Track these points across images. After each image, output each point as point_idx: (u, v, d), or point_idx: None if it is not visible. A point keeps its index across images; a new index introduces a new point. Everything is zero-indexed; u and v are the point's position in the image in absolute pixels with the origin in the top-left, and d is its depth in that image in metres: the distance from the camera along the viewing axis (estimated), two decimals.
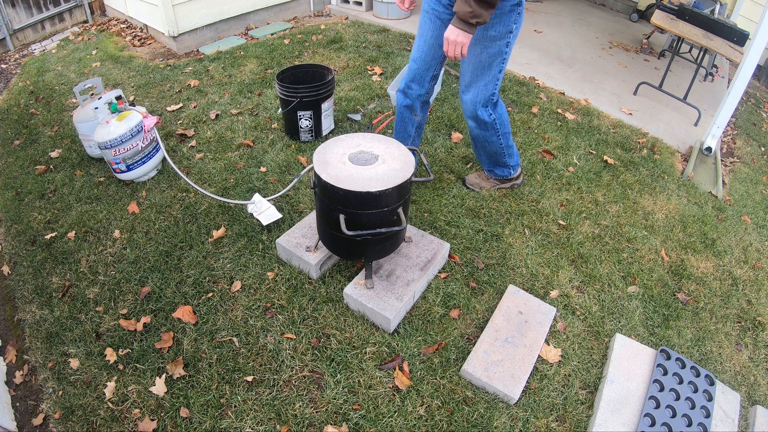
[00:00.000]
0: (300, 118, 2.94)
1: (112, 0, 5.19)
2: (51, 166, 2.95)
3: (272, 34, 4.79)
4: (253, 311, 2.01)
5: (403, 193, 1.77)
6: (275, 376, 1.79)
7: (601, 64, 4.55)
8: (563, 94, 3.87)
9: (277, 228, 2.40)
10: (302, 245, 2.15)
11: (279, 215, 2.38)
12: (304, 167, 2.82)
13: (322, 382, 1.77)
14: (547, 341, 1.95)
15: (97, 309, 2.05)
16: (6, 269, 2.33)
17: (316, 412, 1.69)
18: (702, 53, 3.83)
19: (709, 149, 3.29)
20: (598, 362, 1.91)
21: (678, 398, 1.75)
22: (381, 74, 3.92)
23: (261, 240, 2.33)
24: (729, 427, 1.73)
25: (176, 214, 2.51)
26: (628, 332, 2.04)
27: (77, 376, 1.83)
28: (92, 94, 2.86)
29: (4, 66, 4.56)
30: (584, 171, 2.96)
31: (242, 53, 4.30)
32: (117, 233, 2.41)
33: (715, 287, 2.33)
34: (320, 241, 2.08)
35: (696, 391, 1.80)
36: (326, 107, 2.98)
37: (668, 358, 1.88)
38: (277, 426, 1.65)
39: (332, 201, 1.74)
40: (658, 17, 3.78)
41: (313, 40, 4.56)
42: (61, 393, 1.78)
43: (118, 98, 2.69)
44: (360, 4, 5.28)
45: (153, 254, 2.28)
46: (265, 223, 2.34)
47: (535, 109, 3.52)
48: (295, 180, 2.44)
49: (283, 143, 3.04)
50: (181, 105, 3.51)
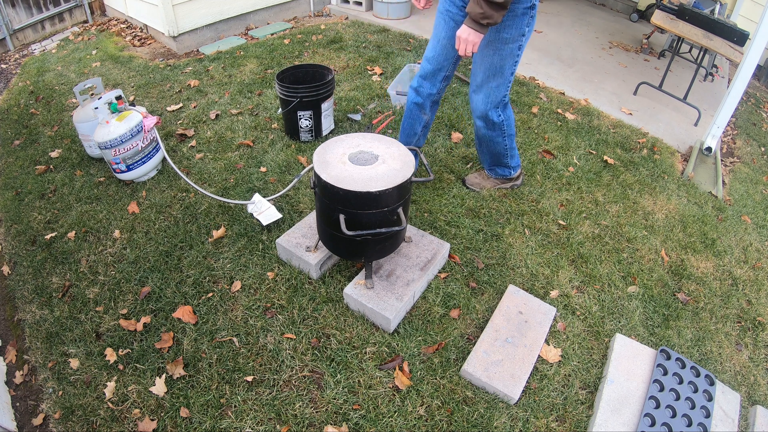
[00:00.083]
0: (300, 118, 2.94)
1: (112, 0, 5.20)
2: (51, 166, 2.95)
3: (272, 34, 4.79)
4: (253, 311, 2.01)
5: (403, 193, 1.77)
6: (275, 376, 1.79)
7: (601, 64, 4.55)
8: (563, 94, 3.87)
9: (277, 228, 2.40)
10: (302, 245, 2.15)
11: (279, 215, 2.38)
12: (304, 167, 2.82)
13: (322, 382, 1.77)
14: (547, 341, 1.95)
15: (97, 309, 2.05)
16: (6, 269, 2.33)
17: (316, 412, 1.69)
18: (702, 53, 3.83)
19: (709, 149, 3.29)
20: (598, 362, 1.91)
21: (678, 398, 1.76)
22: (381, 74, 3.92)
23: (261, 240, 2.33)
24: (729, 427, 1.73)
25: (176, 214, 2.51)
26: (628, 332, 2.04)
27: (77, 376, 1.83)
28: (92, 94, 2.86)
29: (4, 66, 4.57)
30: (584, 171, 2.96)
31: (242, 53, 4.30)
32: (117, 233, 2.41)
33: (715, 287, 2.33)
34: (320, 241, 2.08)
35: (696, 391, 1.80)
36: (326, 107, 2.98)
37: (668, 358, 1.88)
38: (277, 426, 1.65)
39: (332, 201, 1.74)
40: (658, 17, 3.78)
41: (313, 40, 4.56)
42: (61, 393, 1.78)
43: (118, 98, 2.69)
44: (360, 4, 5.28)
45: (153, 254, 2.28)
46: (265, 223, 2.34)
47: (535, 109, 3.52)
48: (295, 180, 2.45)
49: (283, 143, 3.04)
50: (181, 105, 3.51)
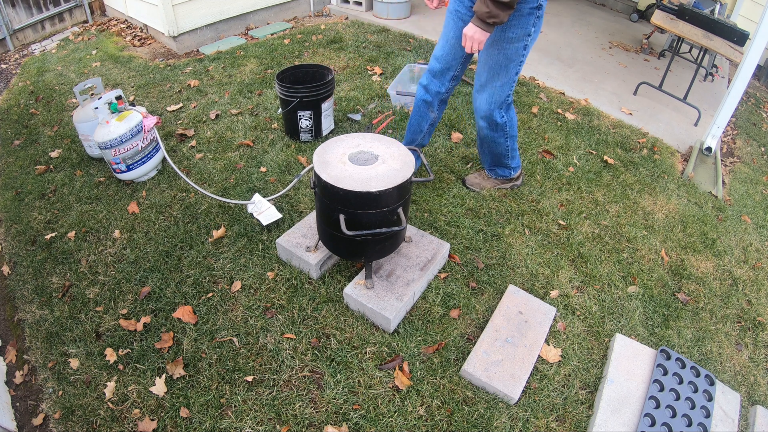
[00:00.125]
0: (300, 118, 2.94)
1: (112, 0, 5.20)
2: (51, 166, 2.95)
3: (272, 34, 4.79)
4: (253, 311, 2.01)
5: (403, 193, 1.77)
6: (275, 376, 1.79)
7: (601, 64, 4.55)
8: (563, 94, 3.87)
9: (277, 228, 2.40)
10: (302, 245, 2.15)
11: (279, 215, 2.38)
12: (304, 167, 2.82)
13: (322, 382, 1.77)
14: (547, 341, 1.95)
15: (97, 309, 2.05)
16: (6, 269, 2.33)
17: (316, 412, 1.69)
18: (702, 53, 3.83)
19: (709, 149, 3.29)
20: (598, 362, 1.91)
21: (678, 398, 1.76)
22: (381, 74, 3.92)
23: (261, 240, 2.33)
24: (729, 427, 1.73)
25: (176, 214, 2.51)
26: (628, 332, 2.04)
27: (77, 376, 1.83)
28: (92, 94, 2.86)
29: (4, 66, 4.56)
30: (584, 171, 2.96)
31: (242, 53, 4.30)
32: (117, 233, 2.41)
33: (715, 287, 2.33)
34: (320, 241, 2.08)
35: (696, 391, 1.80)
36: (326, 107, 2.98)
37: (668, 358, 1.88)
38: (277, 426, 1.65)
39: (332, 201, 1.74)
40: (658, 17, 3.78)
41: (313, 40, 4.56)
42: (61, 393, 1.78)
43: (118, 98, 2.69)
44: (360, 4, 5.28)
45: (153, 254, 2.28)
46: (265, 223, 2.34)
47: (535, 109, 3.52)
48: (295, 180, 2.45)
49: (283, 143, 3.04)
50: (181, 105, 3.51)
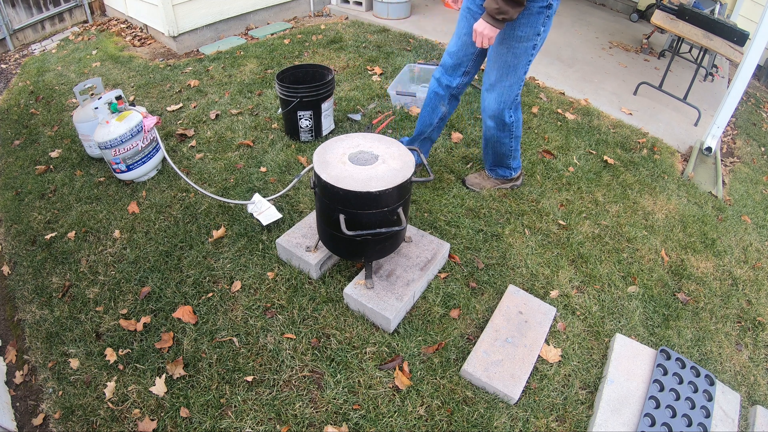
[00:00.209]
0: (300, 118, 2.94)
1: (112, 0, 5.20)
2: (51, 166, 2.95)
3: (272, 34, 4.79)
4: (253, 311, 2.01)
5: (403, 193, 1.77)
6: (275, 376, 1.79)
7: (601, 64, 4.54)
8: (563, 94, 3.87)
9: (277, 228, 2.40)
10: (302, 245, 2.15)
11: (279, 215, 2.38)
12: (304, 167, 2.82)
13: (322, 382, 1.77)
14: (547, 341, 1.95)
15: (97, 309, 2.05)
16: (6, 269, 2.33)
17: (316, 412, 1.69)
18: (702, 53, 3.83)
19: (709, 149, 3.29)
20: (598, 362, 1.91)
21: (678, 398, 1.76)
22: (381, 74, 3.92)
23: (261, 240, 2.33)
24: (729, 427, 1.73)
25: (176, 214, 2.51)
26: (628, 332, 2.04)
27: (77, 376, 1.83)
28: (92, 94, 2.86)
29: (4, 66, 4.56)
30: (584, 171, 2.96)
31: (242, 53, 4.30)
32: (117, 233, 2.41)
33: (715, 287, 2.33)
34: (320, 241, 2.08)
35: (696, 391, 1.80)
36: (326, 107, 2.98)
37: (668, 358, 1.88)
38: (277, 426, 1.65)
39: (332, 201, 1.74)
40: (658, 17, 3.78)
41: (313, 40, 4.56)
42: (61, 393, 1.78)
43: (118, 98, 2.69)
44: (360, 4, 5.28)
45: (153, 254, 2.28)
46: (265, 223, 2.34)
47: (535, 109, 3.52)
48: (295, 180, 2.45)
49: (283, 143, 3.04)
50: (181, 105, 3.51)
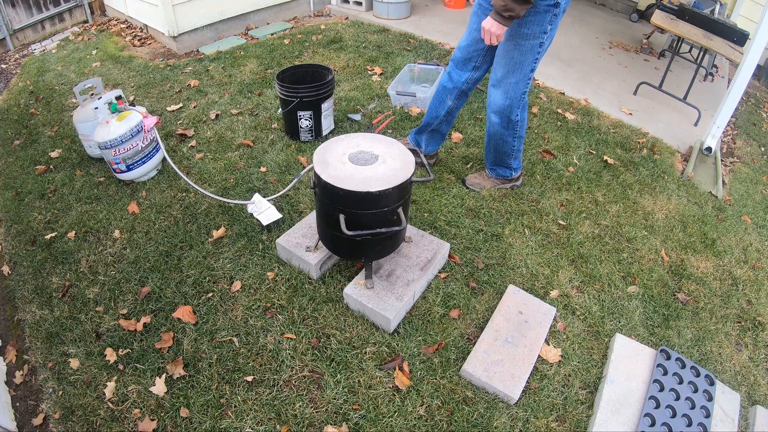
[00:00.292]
0: (300, 118, 2.94)
1: (112, 0, 5.20)
2: (51, 166, 2.94)
3: (272, 34, 4.79)
4: (253, 311, 2.01)
5: (403, 193, 1.77)
6: (275, 376, 1.79)
7: (601, 64, 4.54)
8: (563, 94, 3.87)
9: (277, 228, 2.40)
10: (302, 245, 2.15)
11: (279, 215, 2.38)
12: (304, 167, 2.82)
13: (322, 382, 1.77)
14: (547, 341, 1.95)
15: (97, 309, 2.05)
16: (6, 269, 2.33)
17: (316, 412, 1.69)
18: (702, 53, 3.83)
19: (709, 149, 3.29)
20: (598, 362, 1.91)
21: (678, 398, 1.76)
22: (381, 74, 3.92)
23: (261, 240, 2.33)
24: (729, 427, 1.73)
25: (176, 214, 2.51)
26: (628, 332, 2.04)
27: (77, 376, 1.83)
28: (92, 94, 2.85)
29: (4, 66, 4.56)
30: (584, 171, 2.96)
31: (242, 53, 4.30)
32: (117, 233, 2.41)
33: (715, 287, 2.33)
34: (320, 241, 2.08)
35: (696, 391, 1.80)
36: (326, 107, 2.98)
37: (668, 358, 1.88)
38: (277, 426, 1.65)
39: (332, 201, 1.74)
40: (658, 17, 3.77)
41: (313, 40, 4.56)
42: (61, 393, 1.78)
43: (118, 98, 2.69)
44: (360, 4, 5.28)
45: (153, 254, 2.28)
46: (265, 223, 2.34)
47: (535, 109, 3.52)
48: (295, 180, 2.45)
49: (283, 143, 3.04)
50: (181, 105, 3.51)
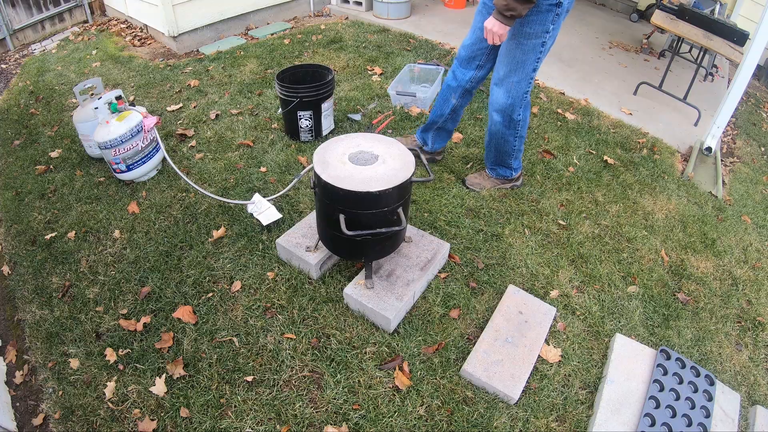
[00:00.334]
0: (300, 118, 2.94)
1: (112, 0, 5.20)
2: (51, 166, 2.94)
3: (272, 34, 4.79)
4: (253, 311, 2.01)
5: (403, 193, 1.77)
6: (275, 376, 1.79)
7: (601, 64, 4.54)
8: (563, 94, 3.87)
9: (277, 228, 2.40)
10: (302, 245, 2.15)
11: (279, 215, 2.38)
12: (304, 167, 2.82)
13: (322, 382, 1.77)
14: (547, 341, 1.95)
15: (97, 309, 2.05)
16: (6, 269, 2.33)
17: (316, 412, 1.69)
18: (702, 53, 3.83)
19: (709, 149, 3.29)
20: (598, 362, 1.91)
21: (678, 398, 1.76)
22: (381, 74, 3.92)
23: (261, 240, 2.33)
24: (729, 427, 1.73)
25: (176, 214, 2.51)
26: (628, 332, 2.04)
27: (77, 376, 1.83)
28: (92, 94, 2.85)
29: (4, 66, 4.56)
30: (584, 171, 2.96)
31: (242, 53, 4.30)
32: (117, 233, 2.41)
33: (715, 287, 2.33)
34: (320, 241, 2.08)
35: (696, 391, 1.80)
36: (326, 107, 2.98)
37: (668, 358, 1.88)
38: (277, 426, 1.65)
39: (332, 201, 1.74)
40: (658, 17, 3.77)
41: (313, 40, 4.56)
42: (61, 393, 1.78)
43: (118, 98, 2.69)
44: (360, 4, 5.28)
45: (153, 254, 2.28)
46: (265, 223, 2.34)
47: (535, 109, 3.52)
48: (295, 180, 2.45)
49: (283, 143, 3.04)
50: (181, 105, 3.51)
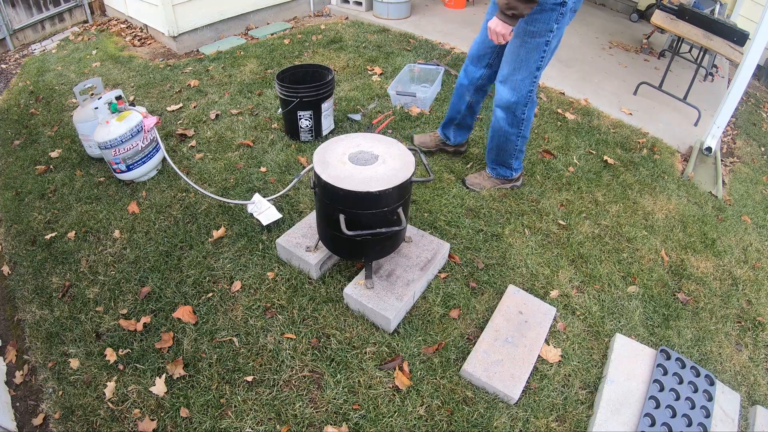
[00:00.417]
0: (300, 118, 2.94)
1: (112, 0, 5.20)
2: (51, 166, 2.94)
3: (272, 34, 4.79)
4: (253, 311, 2.01)
5: (403, 193, 1.77)
6: (275, 376, 1.79)
7: (601, 64, 4.54)
8: (563, 94, 3.87)
9: (277, 228, 2.40)
10: (302, 245, 2.15)
11: (279, 215, 2.38)
12: (304, 167, 2.82)
13: (322, 382, 1.77)
14: (547, 341, 1.95)
15: (97, 309, 2.05)
16: (6, 269, 2.33)
17: (316, 412, 1.69)
18: (702, 53, 3.83)
19: (709, 149, 3.29)
20: (598, 362, 1.91)
21: (678, 398, 1.76)
22: (381, 74, 3.92)
23: (261, 240, 2.33)
24: (729, 427, 1.73)
25: (176, 214, 2.51)
26: (628, 332, 2.04)
27: (77, 376, 1.83)
28: (92, 94, 2.85)
29: (4, 66, 4.56)
30: (584, 171, 2.96)
31: (242, 53, 4.30)
32: (117, 233, 2.41)
33: (715, 287, 2.33)
34: (320, 241, 2.08)
35: (696, 391, 1.80)
36: (326, 107, 2.98)
37: (668, 358, 1.88)
38: (277, 426, 1.65)
39: (332, 201, 1.74)
40: (658, 17, 3.77)
41: (313, 40, 4.56)
42: (61, 393, 1.78)
43: (118, 98, 2.69)
44: (360, 4, 5.28)
45: (153, 254, 2.28)
46: (265, 223, 2.34)
47: (535, 109, 3.52)
48: (295, 180, 2.45)
49: (283, 143, 3.04)
50: (181, 105, 3.51)
